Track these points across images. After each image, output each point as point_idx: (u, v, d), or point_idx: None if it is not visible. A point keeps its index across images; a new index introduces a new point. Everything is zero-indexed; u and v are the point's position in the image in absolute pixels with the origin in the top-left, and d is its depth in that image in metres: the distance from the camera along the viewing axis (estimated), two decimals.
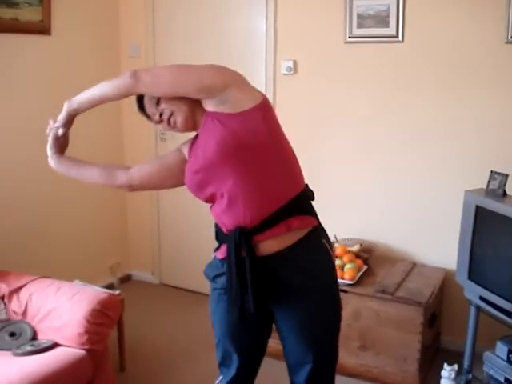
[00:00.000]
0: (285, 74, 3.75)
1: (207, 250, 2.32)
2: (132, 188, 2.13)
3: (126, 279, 4.55)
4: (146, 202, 4.47)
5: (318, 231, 1.99)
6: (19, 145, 3.59)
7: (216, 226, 2.01)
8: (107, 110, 4.17)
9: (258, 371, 2.20)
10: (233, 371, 2.11)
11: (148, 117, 2.04)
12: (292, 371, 2.07)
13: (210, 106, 1.87)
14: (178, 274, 4.44)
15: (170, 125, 1.96)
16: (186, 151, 2.04)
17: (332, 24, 3.56)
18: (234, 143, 1.81)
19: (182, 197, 4.22)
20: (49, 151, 2.18)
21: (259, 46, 3.82)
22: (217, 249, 2.01)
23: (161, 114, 1.96)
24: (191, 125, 1.95)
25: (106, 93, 1.99)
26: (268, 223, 1.85)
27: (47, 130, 2.16)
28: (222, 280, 1.95)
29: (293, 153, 1.97)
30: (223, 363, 2.13)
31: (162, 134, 4.28)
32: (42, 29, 3.64)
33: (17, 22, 3.46)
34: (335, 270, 2.07)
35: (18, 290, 2.86)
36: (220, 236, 1.98)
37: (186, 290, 4.36)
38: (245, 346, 2.08)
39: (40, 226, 3.79)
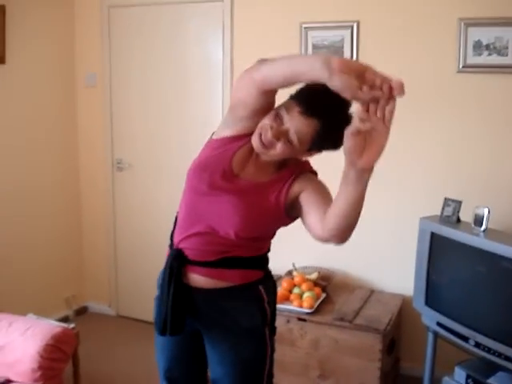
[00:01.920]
0: None
1: None
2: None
3: (81, 311, 4.44)
4: (102, 231, 4.40)
5: (258, 280, 1.92)
6: None
7: (174, 223, 1.96)
8: (62, 135, 4.20)
9: None
10: None
11: (279, 116, 1.68)
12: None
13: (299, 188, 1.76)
14: (136, 306, 4.35)
15: (266, 145, 1.69)
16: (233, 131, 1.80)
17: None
18: (263, 214, 1.77)
19: (139, 228, 4.23)
20: None
21: (217, 75, 3.84)
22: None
23: (278, 135, 1.66)
24: (278, 161, 1.77)
25: (300, 73, 1.52)
26: (204, 264, 1.83)
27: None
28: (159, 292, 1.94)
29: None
30: (160, 376, 2.13)
31: (118, 163, 4.23)
32: None
33: None
34: (265, 316, 1.93)
35: None
36: (171, 238, 1.96)
37: (143, 321, 4.27)
38: (174, 365, 2.05)
39: None
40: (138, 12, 4.07)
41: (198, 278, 1.85)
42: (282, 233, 2.01)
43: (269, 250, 1.97)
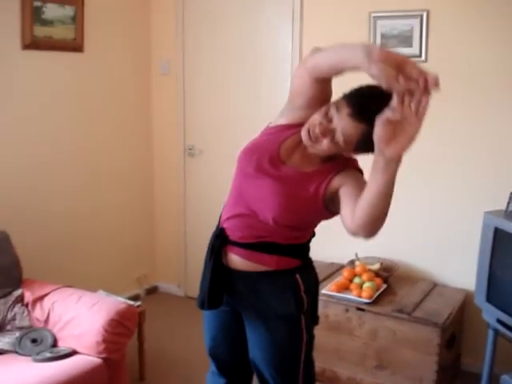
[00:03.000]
0: None
1: None
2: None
3: (152, 291, 4.63)
4: (173, 215, 4.56)
5: (295, 268, 1.94)
6: (48, 161, 3.73)
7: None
8: (137, 121, 4.37)
9: (245, 380, 2.22)
10: (212, 366, 2.21)
11: (328, 117, 1.70)
12: (253, 362, 2.07)
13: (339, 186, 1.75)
14: None
15: (313, 139, 1.72)
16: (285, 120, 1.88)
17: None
18: (292, 217, 1.82)
19: (209, 210, 4.33)
20: None
21: (285, 63, 3.88)
22: None
23: (325, 132, 1.69)
24: (323, 154, 1.78)
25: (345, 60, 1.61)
26: (244, 245, 1.89)
27: None
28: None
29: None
30: (207, 353, 2.22)
31: (190, 149, 4.36)
32: (75, 46, 3.77)
33: (51, 39, 3.60)
34: (301, 304, 1.96)
35: (41, 298, 2.96)
36: (218, 221, 2.03)
37: None
38: (217, 338, 2.13)
39: (69, 239, 3.90)
40: (212, 2, 4.16)
41: (235, 259, 1.91)
42: None
43: (309, 241, 2.00)
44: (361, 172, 1.85)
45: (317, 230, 2.01)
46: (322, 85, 1.77)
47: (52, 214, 3.76)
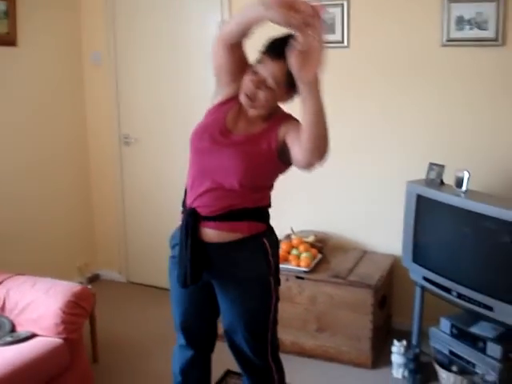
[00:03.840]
0: None
1: None
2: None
3: (94, 279, 4.71)
4: (111, 203, 4.66)
5: (262, 233, 2.17)
6: None
7: (185, 193, 2.22)
8: (71, 112, 4.44)
9: (211, 345, 2.43)
10: (181, 339, 2.36)
11: (255, 71, 1.97)
12: (227, 332, 2.28)
13: (286, 134, 1.99)
14: (144, 272, 4.64)
15: (251, 98, 1.97)
16: (223, 96, 2.12)
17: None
18: (252, 174, 2.03)
19: (146, 196, 4.49)
20: None
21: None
22: (182, 213, 2.22)
23: (258, 82, 1.94)
24: (263, 111, 2.03)
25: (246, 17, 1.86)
26: (215, 218, 2.08)
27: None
28: (177, 250, 2.19)
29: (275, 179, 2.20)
30: (175, 328, 2.38)
31: (125, 138, 4.47)
32: (9, 40, 3.81)
33: None
34: (272, 269, 2.20)
35: None
36: (183, 205, 2.21)
37: (152, 286, 4.55)
38: (189, 314, 2.31)
39: (10, 230, 3.94)
40: None
41: (210, 233, 2.09)
42: (281, 199, 2.26)
43: (269, 205, 2.22)
44: (297, 120, 2.06)
45: None
46: (238, 53, 2.03)
47: None
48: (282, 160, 2.05)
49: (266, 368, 2.30)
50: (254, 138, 2.05)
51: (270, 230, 2.23)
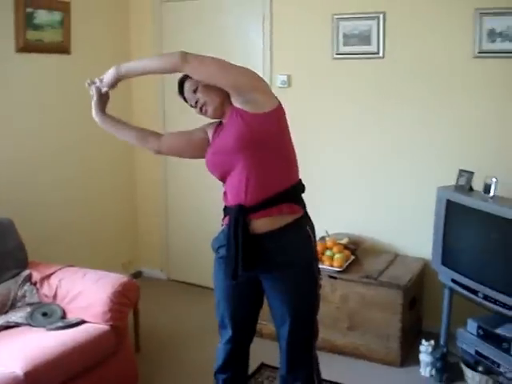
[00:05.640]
0: (280, 87, 4.18)
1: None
2: (159, 153, 2.56)
3: (137, 275, 4.94)
4: (155, 204, 4.90)
5: (304, 219, 2.38)
6: (43, 156, 4.05)
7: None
8: (119, 116, 4.65)
9: (252, 336, 2.60)
10: (229, 332, 2.52)
11: (185, 100, 2.41)
12: (276, 328, 2.47)
13: (237, 102, 2.25)
14: (185, 270, 4.86)
15: (202, 112, 2.34)
16: (210, 133, 2.44)
17: (321, 42, 4.01)
18: (250, 138, 2.22)
19: (189, 199, 4.70)
20: (94, 107, 2.52)
21: (257, 61, 4.26)
22: (223, 218, 2.42)
23: (196, 101, 2.33)
24: (219, 114, 2.33)
25: (154, 67, 2.33)
26: (263, 205, 2.26)
27: (87, 83, 2.53)
28: (223, 250, 2.36)
29: (294, 152, 2.38)
30: (221, 325, 2.55)
31: None
32: (63, 48, 4.09)
33: (41, 42, 3.91)
34: (314, 255, 2.42)
35: (48, 276, 3.27)
36: (225, 208, 2.39)
37: (192, 284, 4.77)
38: (237, 307, 2.48)
39: (63, 228, 4.22)
40: (187, 5, 4.52)
41: (259, 223, 2.27)
42: (317, 203, 2.44)
43: (302, 187, 2.40)
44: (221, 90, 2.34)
45: None
46: (177, 141, 2.62)
47: (46, 205, 4.07)
48: (256, 111, 2.22)
49: (309, 360, 2.48)
50: (230, 126, 2.27)
51: (309, 217, 2.41)
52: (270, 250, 2.30)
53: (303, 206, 2.39)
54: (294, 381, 2.48)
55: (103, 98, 2.51)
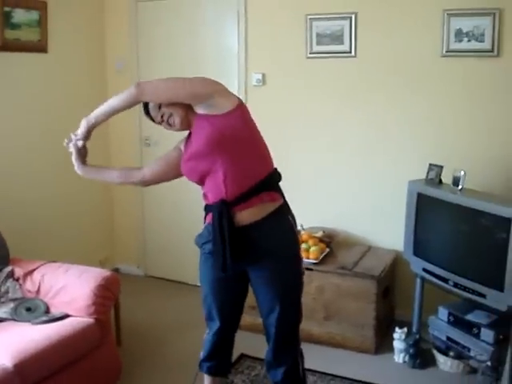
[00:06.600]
0: (255, 86, 4.28)
1: (189, 243, 2.83)
2: (145, 183, 2.66)
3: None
4: (131, 202, 4.96)
5: (285, 208, 2.49)
6: (20, 155, 4.09)
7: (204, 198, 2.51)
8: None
9: (237, 326, 2.72)
10: (217, 324, 2.63)
11: (152, 119, 2.49)
12: (264, 317, 2.57)
13: (199, 109, 2.37)
14: (162, 267, 4.92)
15: (170, 125, 2.44)
16: (182, 147, 2.54)
17: (295, 41, 4.13)
18: (219, 137, 2.32)
19: (166, 196, 4.77)
20: (75, 162, 2.65)
21: (232, 60, 4.36)
22: (205, 217, 2.51)
23: (162, 116, 2.43)
24: (186, 125, 2.43)
25: (118, 105, 2.40)
26: (244, 197, 2.35)
27: (65, 142, 2.64)
28: (209, 246, 2.46)
29: (264, 143, 2.49)
30: (208, 317, 2.66)
31: (146, 140, 4.77)
32: (40, 47, 4.12)
33: (18, 41, 3.94)
34: (297, 243, 2.58)
35: (30, 272, 3.31)
36: (207, 207, 2.48)
37: (169, 280, 4.83)
38: (224, 300, 2.59)
39: (41, 225, 4.26)
40: (162, 4, 4.59)
41: (243, 214, 2.36)
42: (292, 198, 2.55)
43: (276, 174, 2.50)
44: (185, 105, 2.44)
45: None
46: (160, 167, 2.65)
47: (22, 202, 4.11)
48: (220, 112, 2.33)
49: (296, 343, 2.65)
50: (199, 132, 2.37)
51: (289, 207, 2.52)
52: (256, 239, 2.40)
53: (282, 194, 2.50)
54: (280, 365, 2.60)
55: (81, 152, 2.63)
